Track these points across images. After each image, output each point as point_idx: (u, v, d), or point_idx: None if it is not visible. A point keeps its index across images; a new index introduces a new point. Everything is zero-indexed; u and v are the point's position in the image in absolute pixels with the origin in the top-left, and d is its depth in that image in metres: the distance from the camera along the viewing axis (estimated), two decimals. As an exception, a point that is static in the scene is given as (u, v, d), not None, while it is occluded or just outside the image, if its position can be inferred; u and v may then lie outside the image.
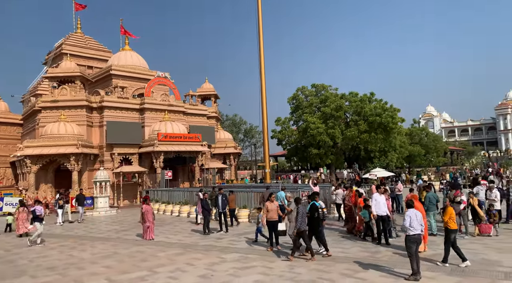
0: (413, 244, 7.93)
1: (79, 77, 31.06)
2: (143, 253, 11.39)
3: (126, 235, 15.00)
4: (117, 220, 19.80)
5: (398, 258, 9.66)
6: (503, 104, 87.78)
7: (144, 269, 9.49)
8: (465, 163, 67.03)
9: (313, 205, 10.16)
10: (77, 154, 26.78)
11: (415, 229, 7.96)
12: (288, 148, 33.74)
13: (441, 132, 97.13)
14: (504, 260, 8.99)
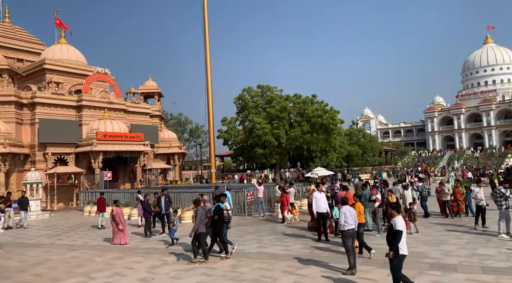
0: (349, 239, 8.36)
1: (6, 70, 28.48)
2: (78, 259, 10.76)
3: (59, 240, 14.05)
4: (50, 225, 18.47)
5: (337, 254, 10.10)
6: (431, 108, 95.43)
7: (79, 275, 8.96)
8: (398, 162, 71.95)
9: (218, 207, 10.09)
10: (4, 153, 24.57)
11: (350, 225, 8.39)
12: (234, 148, 33.75)
13: (376, 133, 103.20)
14: (430, 252, 9.78)
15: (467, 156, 69.45)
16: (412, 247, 10.44)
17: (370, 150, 52.51)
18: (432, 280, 7.50)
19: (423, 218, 15.07)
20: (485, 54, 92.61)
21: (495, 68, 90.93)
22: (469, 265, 8.40)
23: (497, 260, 8.72)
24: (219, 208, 10.04)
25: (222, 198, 10.55)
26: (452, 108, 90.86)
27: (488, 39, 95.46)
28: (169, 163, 37.91)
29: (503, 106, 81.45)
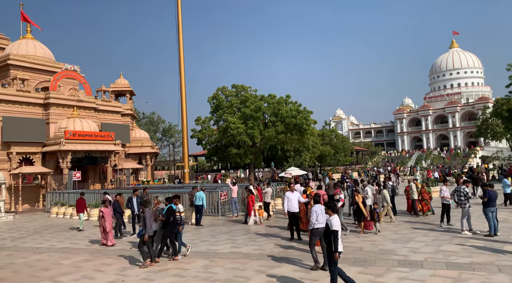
0: (316, 237, 8.63)
1: (-33, 65, 27.10)
2: (44, 262, 10.37)
3: (24, 243, 13.49)
4: (14, 227, 17.70)
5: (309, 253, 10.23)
6: (400, 109, 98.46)
7: (44, 279, 8.65)
8: (368, 162, 73.72)
9: (170, 208, 9.81)
10: (-37, 153, 23.35)
11: (320, 223, 8.54)
12: (208, 147, 33.50)
13: (348, 133, 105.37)
14: (398, 249, 10.08)
15: (434, 156, 72.01)
16: (381, 244, 10.75)
17: (342, 150, 53.50)
18: (400, 276, 7.73)
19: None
20: (451, 58, 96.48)
21: (460, 71, 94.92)
22: (434, 261, 8.72)
23: (460, 256, 9.10)
24: (171, 210, 9.78)
25: (175, 200, 10.27)
26: (420, 109, 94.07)
27: (454, 43, 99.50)
28: (141, 163, 37.18)
29: (467, 108, 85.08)
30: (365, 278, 7.72)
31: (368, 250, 10.19)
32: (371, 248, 10.35)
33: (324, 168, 52.52)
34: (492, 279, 7.28)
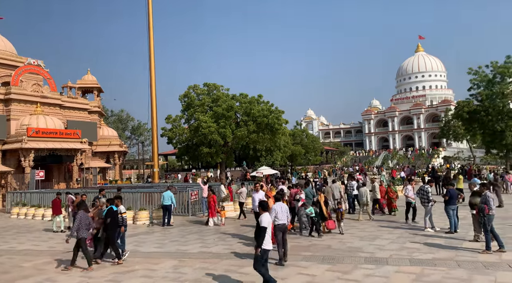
0: (279, 233, 8.88)
1: None
2: (3, 265, 9.90)
3: (-19, 246, 12.80)
4: (-30, 229, 16.76)
5: (279, 250, 10.35)
6: (368, 110, 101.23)
7: (3, 284, 8.25)
8: (337, 162, 75.27)
9: (110, 210, 9.59)
10: None
11: (281, 220, 8.86)
12: (179, 146, 33.02)
13: (319, 133, 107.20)
14: (365, 247, 10.36)
15: (400, 156, 74.55)
16: (349, 242, 11.02)
17: (312, 150, 54.30)
18: (367, 273, 7.95)
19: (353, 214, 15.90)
20: (417, 61, 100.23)
21: (425, 74, 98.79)
22: (399, 258, 9.03)
23: (423, 253, 9.47)
24: (111, 211, 9.55)
25: (117, 201, 10.04)
26: (387, 111, 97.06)
27: (419, 47, 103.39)
28: (108, 161, 36.18)
29: (431, 110, 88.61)
30: (333, 275, 7.89)
31: (336, 248, 10.41)
32: (339, 246, 10.58)
33: (295, 167, 53.13)
34: (452, 274, 7.62)
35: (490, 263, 8.28)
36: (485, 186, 10.25)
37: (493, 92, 32.26)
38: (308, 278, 7.78)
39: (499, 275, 7.40)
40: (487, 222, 9.31)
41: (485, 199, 9.51)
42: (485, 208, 9.37)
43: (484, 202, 9.48)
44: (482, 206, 9.45)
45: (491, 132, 32.47)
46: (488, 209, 9.36)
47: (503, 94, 31.85)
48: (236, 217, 16.84)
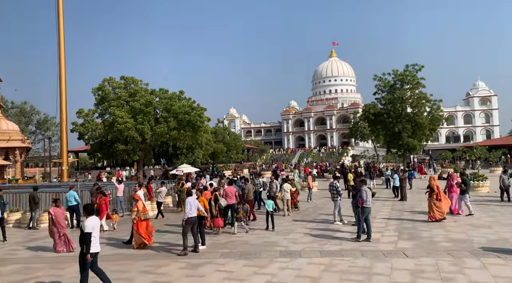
0: (189, 225, 9.51)
1: None
2: None
3: None
4: None
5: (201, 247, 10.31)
6: (287, 110, 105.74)
7: None
8: (258, 159, 77.26)
9: None
10: None
11: (192, 213, 9.66)
12: (91, 143, 30.77)
13: (240, 132, 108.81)
14: (280, 241, 10.85)
15: (314, 154, 79.18)
16: (266, 237, 11.43)
17: (234, 148, 54.92)
18: (281, 266, 8.33)
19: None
20: (330, 66, 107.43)
21: (337, 79, 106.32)
22: (311, 250, 9.64)
23: (332, 244, 10.23)
24: None
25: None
26: (303, 111, 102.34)
27: (333, 53, 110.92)
28: (7, 158, 32.33)
29: (342, 112, 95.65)
30: (250, 270, 8.13)
31: (254, 243, 10.73)
32: (256, 241, 10.92)
33: (216, 165, 53.21)
34: (357, 263, 8.37)
35: (388, 251, 9.27)
36: (363, 182, 11.32)
37: (394, 97, 35.92)
38: (226, 274, 7.90)
39: (395, 262, 8.33)
40: (361, 213, 10.51)
41: (360, 193, 10.64)
42: (359, 201, 10.55)
43: (359, 196, 10.63)
44: (357, 199, 10.65)
45: (391, 133, 36.10)
46: (362, 202, 10.49)
47: (402, 99, 35.65)
48: (154, 217, 16.34)
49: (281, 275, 7.70)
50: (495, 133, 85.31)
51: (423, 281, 6.97)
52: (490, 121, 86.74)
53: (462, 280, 6.95)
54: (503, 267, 7.60)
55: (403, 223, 12.93)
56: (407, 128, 35.20)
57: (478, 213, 14.34)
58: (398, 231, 11.63)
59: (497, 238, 10.24)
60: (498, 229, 11.41)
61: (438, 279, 7.01)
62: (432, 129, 37.43)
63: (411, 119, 35.65)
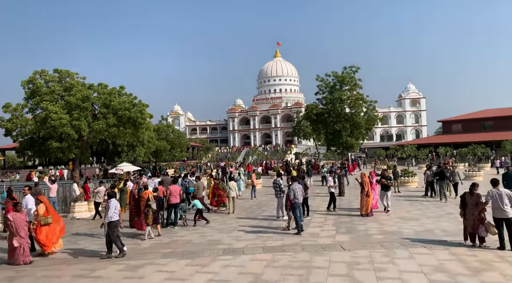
0: (115, 228, 9.29)
1: None
2: None
3: None
4: None
5: (135, 249, 9.97)
6: (232, 109, 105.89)
7: None
8: (203, 158, 76.53)
9: None
10: None
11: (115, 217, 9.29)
12: (20, 140, 28.40)
13: (185, 129, 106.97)
14: (223, 239, 10.85)
15: (259, 152, 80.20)
16: (209, 235, 11.37)
17: (178, 146, 53.80)
18: (224, 264, 8.34)
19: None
20: (275, 66, 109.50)
21: (281, 78, 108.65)
22: (253, 247, 9.76)
23: (274, 240, 10.45)
24: None
25: None
26: (249, 110, 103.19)
27: (277, 53, 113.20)
28: None
29: (286, 111, 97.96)
30: (192, 269, 8.03)
31: (197, 242, 10.62)
32: (199, 240, 10.82)
33: (159, 163, 51.76)
34: (297, 258, 8.62)
35: (326, 245, 9.68)
36: (293, 179, 11.72)
37: (334, 97, 37.56)
38: (167, 275, 7.74)
39: (333, 255, 8.72)
40: (292, 210, 10.98)
41: (288, 192, 11.13)
42: (288, 197, 11.07)
43: (287, 194, 11.16)
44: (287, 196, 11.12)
45: (331, 132, 37.76)
46: (291, 198, 11.01)
47: (341, 100, 37.40)
48: (91, 218, 15.54)
49: (223, 273, 7.71)
50: (423, 132, 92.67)
51: (358, 272, 7.37)
52: (419, 121, 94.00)
53: (392, 269, 7.46)
54: (428, 256, 8.28)
55: (341, 218, 13.57)
56: (346, 127, 36.95)
57: (408, 207, 15.49)
58: (336, 226, 12.19)
59: (423, 230, 11.13)
60: (424, 221, 12.41)
61: (372, 270, 7.46)
62: (368, 128, 39.68)
63: (350, 119, 37.47)
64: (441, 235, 10.28)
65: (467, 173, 28.74)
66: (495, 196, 8.63)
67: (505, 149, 43.82)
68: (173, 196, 12.73)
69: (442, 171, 17.41)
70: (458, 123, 67.54)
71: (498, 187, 8.77)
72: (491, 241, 8.93)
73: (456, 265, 7.58)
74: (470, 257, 8.05)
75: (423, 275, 7.03)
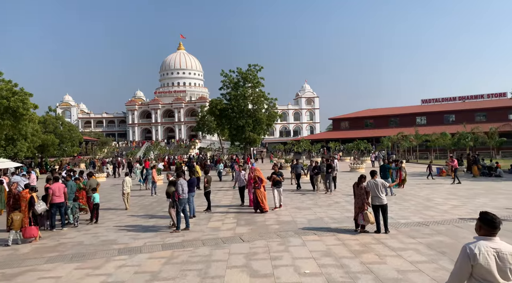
0: None
1: None
2: None
3: None
4: None
5: (13, 254, 8.84)
6: (132, 101, 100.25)
7: None
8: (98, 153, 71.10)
9: None
10: None
11: None
12: None
13: (78, 122, 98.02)
14: (119, 238, 10.26)
15: (161, 147, 77.72)
16: (103, 236, 10.65)
17: (69, 140, 49.09)
18: (119, 264, 7.88)
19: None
20: (178, 58, 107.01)
21: (185, 72, 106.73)
22: (152, 245, 9.43)
23: (174, 237, 10.21)
24: None
25: None
26: (150, 103, 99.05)
27: (181, 46, 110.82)
28: None
29: (190, 105, 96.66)
30: (82, 273, 7.42)
31: (88, 243, 9.85)
32: (92, 241, 10.06)
33: (46, 159, 46.51)
34: (197, 252, 8.58)
35: (226, 238, 9.84)
36: (179, 175, 11.49)
37: (237, 93, 38.31)
38: (52, 281, 7.01)
39: (232, 247, 8.91)
40: (178, 205, 10.81)
41: (176, 187, 10.95)
42: (175, 194, 10.84)
43: (175, 189, 10.92)
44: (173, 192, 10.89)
45: (235, 127, 38.50)
46: (178, 195, 10.81)
47: (245, 96, 38.34)
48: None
49: (118, 273, 7.29)
50: (317, 129, 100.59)
51: (256, 262, 7.66)
52: (313, 118, 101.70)
53: (287, 257, 7.93)
54: (318, 242, 9.01)
55: (241, 210, 13.95)
56: (249, 123, 38.03)
57: (302, 197, 16.67)
58: (237, 218, 12.49)
59: (315, 218, 12.09)
60: (316, 210, 13.48)
61: (268, 259, 7.83)
62: (269, 124, 41.48)
63: (252, 115, 38.66)
64: (330, 223, 11.28)
65: (352, 166, 32.07)
66: (373, 185, 9.80)
67: (384, 144, 50.05)
68: (56, 196, 11.58)
69: (319, 166, 18.92)
70: (346, 120, 74.88)
71: (375, 178, 9.96)
72: (370, 226, 10.12)
73: (341, 249, 8.41)
74: (353, 241, 9.01)
75: (313, 260, 7.64)
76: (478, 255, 3.04)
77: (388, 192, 15.38)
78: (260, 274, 6.91)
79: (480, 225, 3.24)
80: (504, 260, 3.05)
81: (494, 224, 3.16)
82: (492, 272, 3.03)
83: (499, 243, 3.12)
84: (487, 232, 3.18)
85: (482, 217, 3.23)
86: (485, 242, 3.13)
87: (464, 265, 3.11)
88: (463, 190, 17.93)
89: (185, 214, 11.14)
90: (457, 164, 22.14)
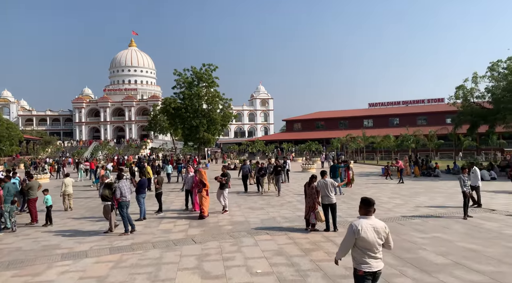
0: None
1: None
2: None
3: None
4: None
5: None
6: (79, 98, 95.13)
7: None
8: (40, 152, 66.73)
9: None
10: None
11: None
12: None
13: (18, 119, 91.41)
14: (63, 243, 9.70)
15: (110, 147, 74.62)
16: (45, 241, 10.04)
17: (7, 139, 45.65)
18: (62, 270, 7.45)
19: (61, 210, 14.82)
20: (130, 55, 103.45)
21: (137, 69, 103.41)
22: (99, 249, 9.01)
23: (123, 240, 9.83)
24: None
25: None
26: (99, 101, 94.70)
27: (133, 42, 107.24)
28: None
29: (142, 104, 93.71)
30: (20, 280, 6.93)
31: (28, 249, 9.22)
32: (32, 247, 9.43)
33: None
34: (147, 255, 8.33)
35: (178, 240, 9.67)
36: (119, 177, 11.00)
37: (192, 93, 37.75)
38: None
39: (184, 249, 8.76)
40: (120, 208, 10.45)
41: (114, 189, 10.59)
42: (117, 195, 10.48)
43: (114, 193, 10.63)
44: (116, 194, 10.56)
45: (189, 127, 37.88)
46: (118, 197, 10.44)
47: (199, 96, 37.86)
48: None
49: (60, 280, 6.88)
50: (271, 130, 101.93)
51: (208, 263, 7.60)
52: (267, 119, 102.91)
53: (239, 257, 7.95)
54: (270, 242, 9.13)
55: (193, 212, 13.76)
56: (203, 123, 37.64)
57: (255, 198, 16.80)
58: (189, 220, 12.31)
59: (268, 218, 12.23)
60: (269, 210, 13.65)
61: (220, 260, 7.79)
62: (224, 125, 41.32)
63: (207, 115, 38.30)
64: (282, 222, 11.48)
65: (304, 166, 32.87)
66: (323, 185, 10.11)
67: (333, 146, 51.83)
68: None
69: (265, 167, 19.24)
70: (298, 122, 76.65)
71: (325, 178, 10.28)
72: (320, 224, 10.43)
73: (292, 248, 8.58)
74: (304, 240, 9.24)
75: (265, 259, 7.73)
76: (361, 231, 4.08)
77: (337, 192, 15.96)
78: (211, 276, 6.86)
79: (360, 206, 4.31)
80: (379, 233, 4.16)
81: (369, 202, 4.25)
82: (370, 242, 4.10)
83: (374, 220, 4.22)
84: (365, 211, 4.25)
85: (362, 199, 4.32)
86: (365, 220, 4.20)
87: (350, 238, 4.17)
88: (405, 190, 19.06)
89: (128, 217, 10.60)
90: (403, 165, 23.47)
